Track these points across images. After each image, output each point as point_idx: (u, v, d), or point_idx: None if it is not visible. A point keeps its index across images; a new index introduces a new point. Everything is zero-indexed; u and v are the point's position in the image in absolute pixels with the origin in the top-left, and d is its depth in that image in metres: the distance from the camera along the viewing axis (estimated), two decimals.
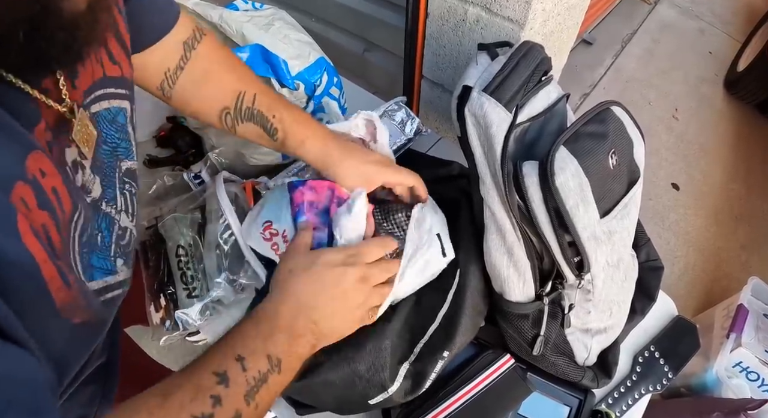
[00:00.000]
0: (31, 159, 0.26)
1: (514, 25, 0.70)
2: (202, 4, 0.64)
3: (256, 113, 0.49)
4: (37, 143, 0.27)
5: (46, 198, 0.26)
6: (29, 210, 0.25)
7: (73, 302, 0.28)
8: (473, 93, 0.48)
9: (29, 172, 0.25)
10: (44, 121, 0.29)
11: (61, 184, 0.28)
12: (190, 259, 0.63)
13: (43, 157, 0.27)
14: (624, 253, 0.55)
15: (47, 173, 0.27)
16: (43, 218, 0.26)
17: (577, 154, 0.47)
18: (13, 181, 0.24)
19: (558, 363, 0.56)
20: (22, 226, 0.24)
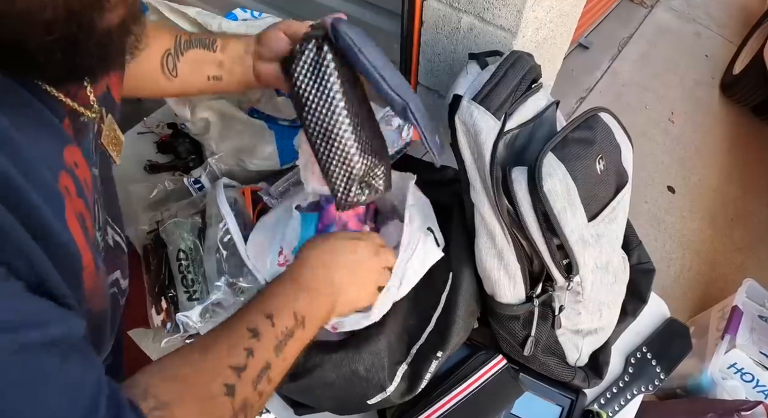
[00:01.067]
0: (68, 152, 0.28)
1: (506, 34, 0.71)
2: (203, 14, 0.66)
3: (194, 40, 0.52)
4: (70, 137, 0.29)
5: (81, 187, 0.29)
6: (71, 197, 0.27)
7: (96, 289, 0.30)
8: (463, 102, 0.49)
9: (68, 163, 0.28)
10: (68, 118, 0.31)
11: (89, 175, 0.31)
12: (191, 263, 0.64)
13: (77, 150, 0.29)
14: (612, 255, 0.56)
15: (79, 165, 0.29)
16: (81, 205, 0.29)
17: (564, 159, 0.49)
18: (59, 170, 0.27)
19: (549, 363, 0.57)
20: (68, 212, 0.26)
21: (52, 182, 0.25)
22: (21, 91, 0.26)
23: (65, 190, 0.26)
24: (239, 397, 0.31)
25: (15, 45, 0.23)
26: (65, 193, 0.26)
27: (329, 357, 0.49)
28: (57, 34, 0.24)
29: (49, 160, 0.26)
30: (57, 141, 0.28)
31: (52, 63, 0.25)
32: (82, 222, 0.28)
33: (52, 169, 0.26)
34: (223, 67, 0.52)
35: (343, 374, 0.49)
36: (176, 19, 0.67)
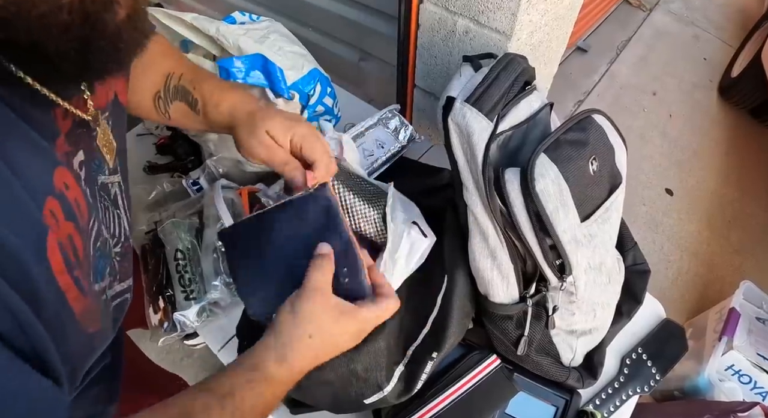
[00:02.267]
0: (57, 174, 0.28)
1: (501, 37, 0.72)
2: (200, 18, 0.67)
3: (180, 89, 0.50)
4: (60, 158, 0.29)
5: (71, 210, 0.29)
6: (57, 222, 0.27)
7: (89, 310, 0.30)
8: (456, 103, 0.50)
9: (56, 186, 0.28)
10: (63, 135, 0.31)
11: (81, 195, 0.31)
12: (188, 262, 0.65)
13: (66, 172, 0.29)
14: (606, 256, 0.57)
15: (70, 186, 0.29)
16: (69, 228, 0.28)
17: (557, 160, 0.49)
18: (46, 196, 0.26)
19: (543, 363, 0.57)
20: (50, 242, 0.26)
21: (36, 214, 0.25)
22: (7, 114, 0.26)
23: (51, 217, 0.26)
24: None
25: (31, 46, 0.23)
26: (51, 221, 0.26)
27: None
28: (73, 36, 0.24)
29: (34, 189, 0.26)
30: (45, 165, 0.27)
31: (65, 63, 0.25)
32: (71, 246, 0.28)
33: (37, 198, 0.26)
34: (213, 129, 0.50)
35: (341, 373, 0.49)
36: (173, 25, 0.67)
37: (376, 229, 0.59)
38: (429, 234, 0.56)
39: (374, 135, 0.77)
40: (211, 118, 0.49)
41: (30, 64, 0.26)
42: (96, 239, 0.34)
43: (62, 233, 0.27)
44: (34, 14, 0.22)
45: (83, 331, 0.30)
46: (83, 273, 0.30)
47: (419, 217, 0.60)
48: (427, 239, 0.55)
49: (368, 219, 0.59)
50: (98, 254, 0.35)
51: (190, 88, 0.50)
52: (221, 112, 0.48)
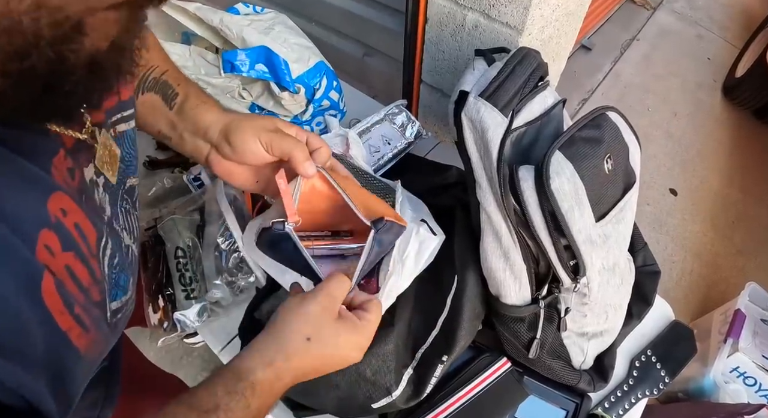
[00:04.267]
0: (52, 201, 0.26)
1: (512, 31, 0.70)
2: (204, 8, 0.65)
3: (161, 82, 0.45)
4: (56, 183, 0.27)
5: (70, 237, 0.27)
6: (54, 256, 0.25)
7: (93, 342, 0.29)
8: (470, 98, 0.48)
9: (52, 215, 0.25)
10: (62, 150, 0.28)
11: (83, 217, 0.28)
12: (189, 260, 0.63)
13: (63, 196, 0.27)
14: (619, 257, 0.55)
15: (68, 211, 0.27)
16: (68, 259, 0.26)
17: (572, 158, 0.48)
18: (38, 232, 0.24)
19: (554, 367, 0.56)
20: (46, 282, 0.24)
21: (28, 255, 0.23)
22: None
23: (46, 252, 0.24)
24: None
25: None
26: (46, 258, 0.24)
27: None
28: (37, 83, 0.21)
29: (26, 227, 0.24)
30: (38, 196, 0.25)
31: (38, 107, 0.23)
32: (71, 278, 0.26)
33: (28, 238, 0.24)
34: (175, 131, 0.45)
35: (349, 376, 0.48)
36: (175, 15, 0.66)
37: None
38: (438, 232, 0.54)
39: (380, 131, 0.75)
40: (187, 114, 0.45)
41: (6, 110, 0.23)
42: (112, 257, 0.32)
43: (59, 266, 0.26)
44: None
45: (89, 362, 0.29)
46: (89, 304, 0.28)
47: (428, 215, 0.59)
48: (437, 237, 0.53)
49: None
50: (117, 269, 0.33)
51: (174, 84, 0.46)
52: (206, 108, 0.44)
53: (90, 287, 0.29)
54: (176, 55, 0.68)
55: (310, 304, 0.36)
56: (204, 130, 0.43)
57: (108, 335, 0.32)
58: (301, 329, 0.35)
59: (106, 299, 0.31)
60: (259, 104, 0.73)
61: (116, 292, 0.33)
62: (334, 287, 0.37)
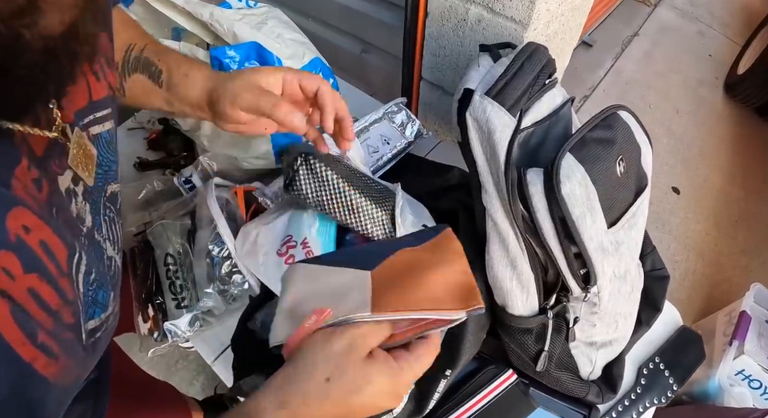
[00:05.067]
0: (11, 218, 0.23)
1: (517, 26, 0.67)
2: (193, 2, 0.61)
3: (143, 60, 0.45)
4: (17, 197, 0.24)
5: (34, 256, 0.24)
6: (14, 279, 0.23)
7: (65, 369, 0.26)
8: (475, 97, 0.45)
9: (11, 233, 0.23)
10: (25, 159, 0.26)
11: (49, 233, 0.26)
12: (179, 267, 0.61)
13: (25, 211, 0.24)
14: (631, 264, 0.53)
15: (32, 228, 0.24)
16: (31, 281, 0.24)
17: (584, 161, 0.45)
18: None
19: (562, 379, 0.54)
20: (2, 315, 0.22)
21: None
22: None
23: (5, 276, 0.22)
24: None
25: None
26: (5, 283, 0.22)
27: None
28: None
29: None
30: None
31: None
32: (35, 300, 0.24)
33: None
34: (172, 106, 0.45)
35: None
36: (163, 8, 0.62)
37: (384, 230, 0.55)
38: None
39: (379, 130, 0.72)
40: (176, 90, 0.44)
41: None
42: (88, 273, 0.29)
43: (20, 291, 0.23)
44: None
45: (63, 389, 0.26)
46: (58, 328, 0.26)
47: (429, 219, 0.56)
48: None
49: (376, 220, 0.55)
50: (94, 286, 0.30)
51: (155, 59, 0.45)
52: (190, 81, 0.44)
53: (60, 308, 0.26)
54: None
55: (336, 340, 0.31)
56: (196, 104, 0.44)
57: (84, 359, 0.29)
58: (321, 368, 0.31)
59: (80, 320, 0.28)
60: None
61: (93, 310, 0.31)
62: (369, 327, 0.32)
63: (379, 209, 0.55)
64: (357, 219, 0.54)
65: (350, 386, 0.31)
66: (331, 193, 0.54)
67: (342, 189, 0.54)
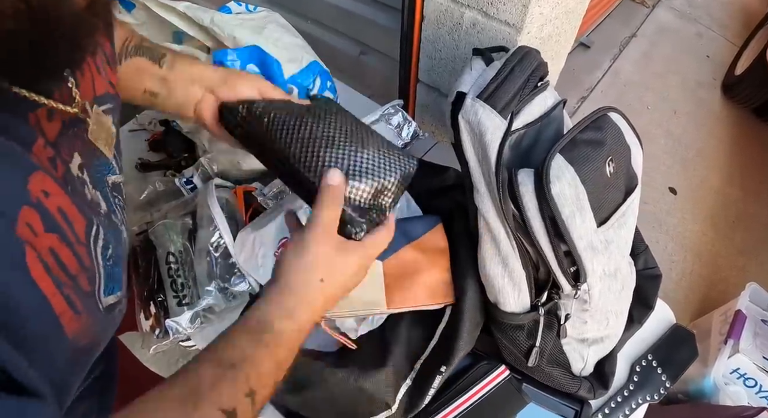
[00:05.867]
0: (33, 181, 0.25)
1: (511, 29, 0.69)
2: (193, 8, 0.63)
3: (144, 48, 0.47)
4: (37, 163, 0.26)
5: (53, 219, 0.26)
6: (36, 235, 0.24)
7: (84, 328, 0.27)
8: (467, 100, 0.47)
9: (33, 195, 0.24)
10: (41, 139, 0.28)
11: (68, 202, 0.27)
12: (181, 266, 0.62)
13: (45, 177, 0.26)
14: (621, 262, 0.54)
15: (51, 193, 0.26)
16: (51, 240, 0.25)
17: (573, 161, 0.46)
18: (18, 209, 0.23)
19: (554, 374, 0.55)
20: (30, 259, 0.23)
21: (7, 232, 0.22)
22: None
23: (28, 231, 0.24)
24: None
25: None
26: (28, 236, 0.23)
27: (334, 373, 0.48)
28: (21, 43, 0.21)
29: (3, 204, 0.23)
30: (17, 174, 0.24)
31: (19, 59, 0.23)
32: (55, 261, 0.25)
33: (7, 213, 0.23)
34: (164, 85, 0.47)
35: (349, 390, 0.47)
36: (165, 14, 0.64)
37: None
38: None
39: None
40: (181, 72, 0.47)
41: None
42: (105, 247, 0.31)
43: (43, 247, 0.24)
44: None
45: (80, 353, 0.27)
46: (77, 290, 0.27)
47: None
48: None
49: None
50: (111, 261, 0.32)
51: (158, 48, 0.48)
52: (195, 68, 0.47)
53: (78, 274, 0.27)
54: None
55: (311, 246, 0.35)
56: (200, 76, 0.46)
57: (102, 324, 0.30)
58: (312, 272, 0.34)
59: (95, 291, 0.30)
60: None
61: (112, 286, 0.32)
62: (328, 219, 0.35)
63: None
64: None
65: (339, 276, 0.35)
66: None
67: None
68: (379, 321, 0.53)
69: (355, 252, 0.36)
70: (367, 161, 0.38)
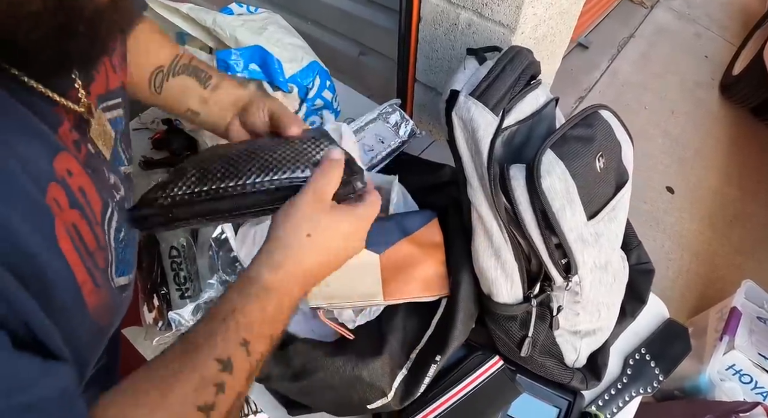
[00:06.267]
0: (58, 160, 0.27)
1: (505, 30, 0.70)
2: (196, 9, 0.65)
3: (192, 67, 0.50)
4: (62, 144, 0.28)
5: (75, 197, 0.27)
6: (61, 210, 0.26)
7: (102, 303, 0.29)
8: (460, 97, 0.48)
9: (58, 173, 0.26)
10: (67, 122, 0.30)
11: (88, 182, 0.29)
12: (184, 260, 0.64)
13: (69, 157, 0.28)
14: (612, 255, 0.56)
15: (74, 173, 0.28)
16: (74, 216, 0.27)
17: (563, 157, 0.48)
18: (47, 183, 0.25)
19: (547, 365, 0.56)
20: (58, 229, 0.25)
21: (39, 198, 0.24)
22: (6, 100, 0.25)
23: (55, 204, 0.25)
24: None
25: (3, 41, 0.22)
26: (55, 208, 0.25)
27: (332, 361, 0.49)
28: (46, 25, 0.23)
29: (35, 173, 0.24)
30: (45, 151, 0.26)
31: (40, 53, 0.24)
32: (78, 236, 0.27)
33: (38, 182, 0.24)
34: (205, 106, 0.50)
35: (346, 378, 0.48)
36: (168, 15, 0.66)
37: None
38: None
39: (374, 130, 0.75)
40: (219, 95, 0.50)
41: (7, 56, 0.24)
42: (118, 230, 0.32)
43: (67, 221, 0.26)
44: (3, 4, 0.21)
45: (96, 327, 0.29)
46: (95, 266, 0.29)
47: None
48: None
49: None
50: (123, 244, 0.33)
51: (205, 68, 0.51)
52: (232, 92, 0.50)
53: (95, 251, 0.29)
54: None
55: (301, 203, 0.35)
56: (234, 101, 0.49)
57: (116, 301, 0.31)
58: (299, 227, 0.35)
59: (109, 269, 0.31)
60: None
61: (123, 268, 0.33)
62: (322, 182, 0.36)
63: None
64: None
65: (327, 233, 0.35)
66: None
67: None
68: (376, 312, 0.54)
69: (345, 214, 0.37)
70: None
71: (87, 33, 0.25)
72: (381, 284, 0.52)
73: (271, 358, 0.42)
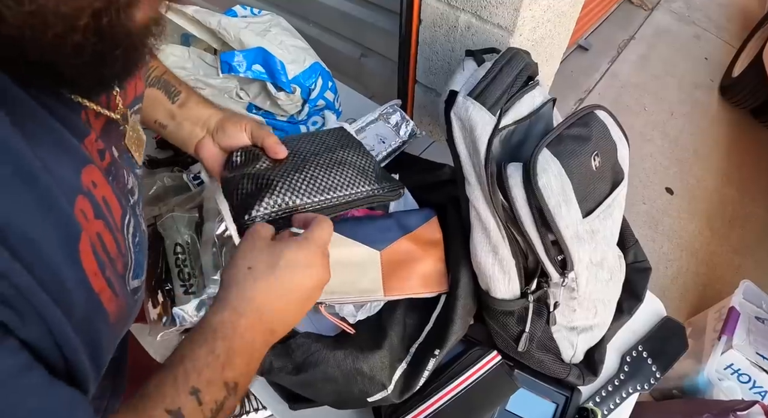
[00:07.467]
0: (85, 172, 0.28)
1: (503, 32, 0.72)
2: (202, 11, 0.66)
3: (163, 81, 0.51)
4: (88, 155, 0.29)
5: (99, 207, 0.29)
6: (87, 221, 0.27)
7: (121, 310, 0.30)
8: (459, 97, 0.50)
9: (84, 185, 0.27)
10: (93, 133, 0.31)
11: (110, 192, 0.30)
12: (188, 256, 0.65)
13: (95, 170, 0.29)
14: (608, 252, 0.57)
15: (98, 184, 0.29)
16: (99, 226, 0.28)
17: (559, 155, 0.49)
18: (76, 195, 0.26)
19: (544, 360, 0.57)
20: (83, 242, 0.26)
21: (69, 211, 0.25)
22: (40, 114, 0.26)
23: (82, 216, 0.26)
24: None
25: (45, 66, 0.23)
26: (82, 220, 0.26)
27: (333, 354, 0.50)
28: (87, 54, 0.24)
29: (65, 187, 0.25)
30: (74, 164, 0.27)
31: (81, 78, 0.25)
32: (101, 245, 0.28)
33: (68, 195, 0.25)
34: (173, 120, 0.51)
35: (347, 371, 0.49)
36: (174, 17, 0.67)
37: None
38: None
39: (375, 130, 0.77)
40: (188, 107, 0.51)
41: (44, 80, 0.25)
42: (134, 235, 0.34)
43: (92, 232, 0.27)
44: (49, 35, 0.21)
45: (115, 333, 0.30)
46: (115, 273, 0.29)
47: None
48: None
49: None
50: (137, 249, 0.34)
51: (175, 83, 0.52)
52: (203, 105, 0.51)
53: (116, 258, 0.30)
54: (175, 56, 0.69)
55: (240, 245, 0.37)
56: (205, 120, 0.51)
57: (131, 305, 0.32)
58: (239, 263, 0.35)
59: (126, 274, 0.32)
60: (256, 104, 0.75)
61: (138, 271, 0.34)
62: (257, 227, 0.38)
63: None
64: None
65: (267, 266, 0.35)
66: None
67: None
68: (376, 308, 0.55)
69: (288, 242, 0.36)
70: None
71: (124, 56, 0.26)
72: (381, 280, 0.53)
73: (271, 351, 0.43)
